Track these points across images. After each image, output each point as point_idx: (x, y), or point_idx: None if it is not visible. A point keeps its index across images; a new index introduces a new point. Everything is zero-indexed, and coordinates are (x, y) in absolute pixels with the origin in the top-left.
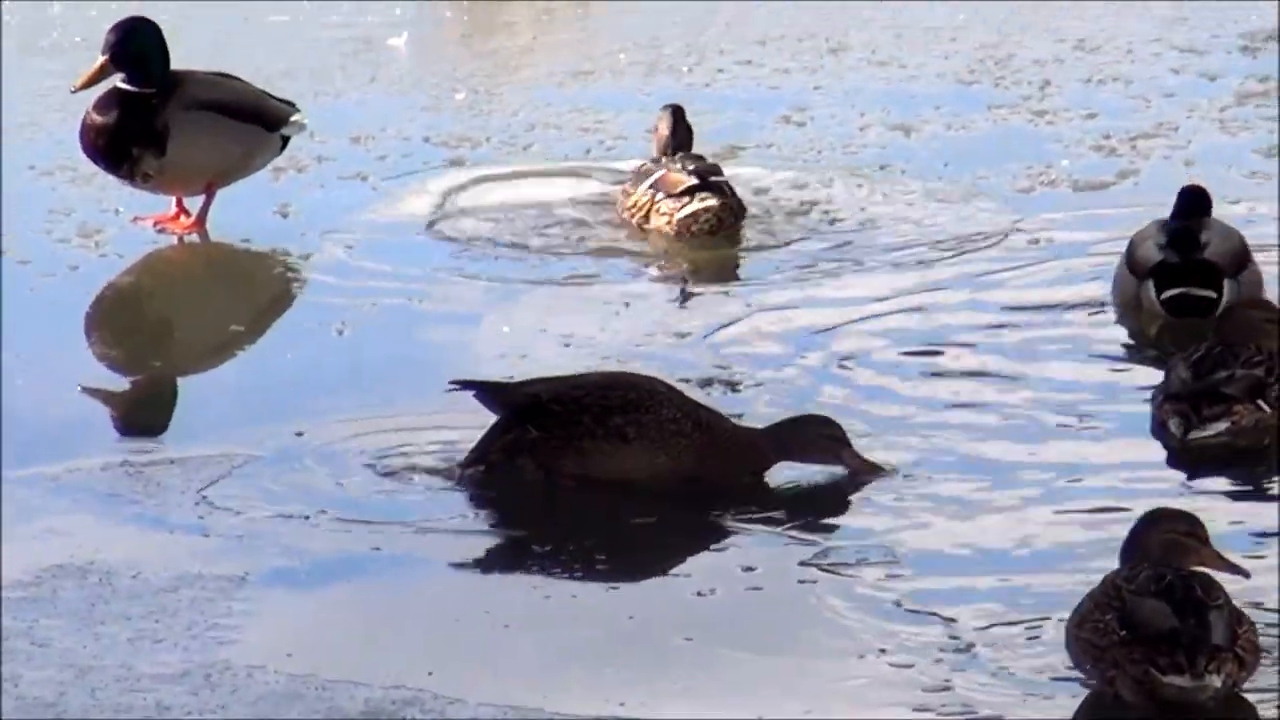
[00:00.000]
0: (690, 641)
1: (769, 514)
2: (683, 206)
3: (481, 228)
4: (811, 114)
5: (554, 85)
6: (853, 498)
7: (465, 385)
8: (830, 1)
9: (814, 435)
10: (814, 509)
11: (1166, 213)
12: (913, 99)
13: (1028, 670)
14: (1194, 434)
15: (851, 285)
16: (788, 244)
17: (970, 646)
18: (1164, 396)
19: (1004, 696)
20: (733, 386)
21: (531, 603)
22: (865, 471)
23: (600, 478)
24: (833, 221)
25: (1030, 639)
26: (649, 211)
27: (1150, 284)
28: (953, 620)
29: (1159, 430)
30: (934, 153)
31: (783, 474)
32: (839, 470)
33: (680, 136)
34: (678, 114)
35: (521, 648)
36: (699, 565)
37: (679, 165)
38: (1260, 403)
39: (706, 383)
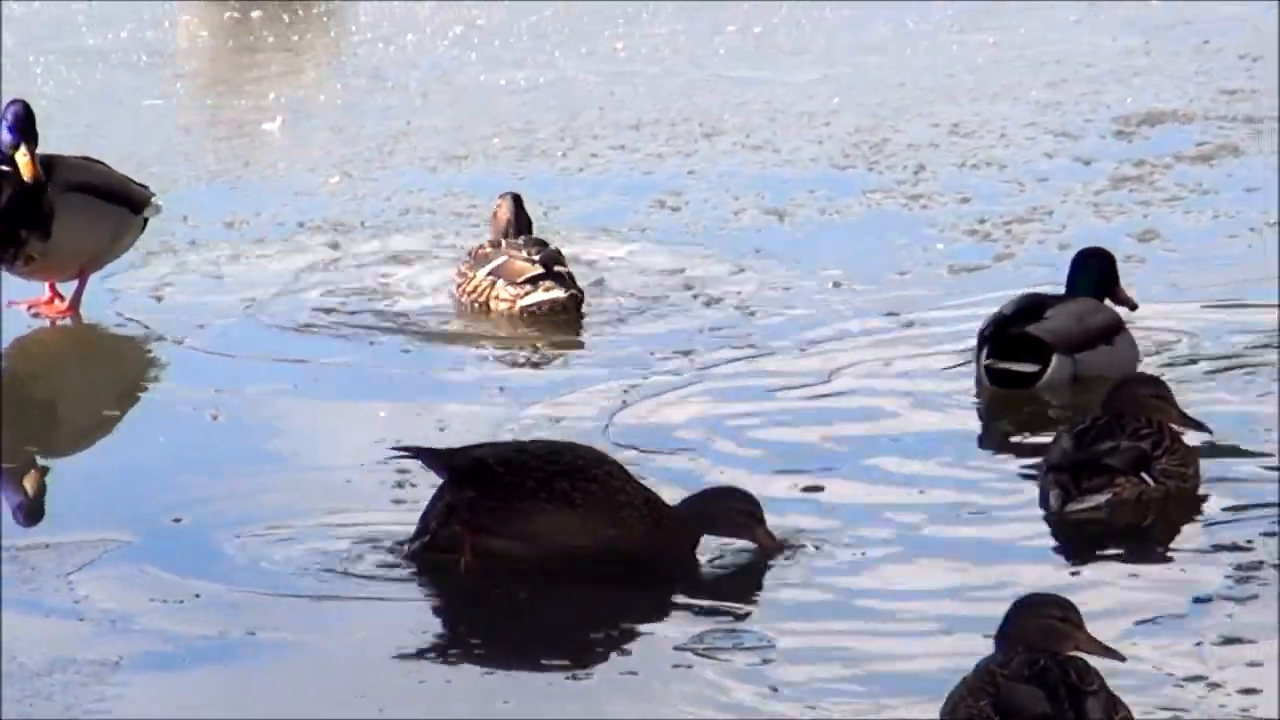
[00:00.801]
0: None
1: (646, 595)
2: (526, 294)
3: (356, 313)
4: (686, 198)
5: (427, 169)
6: (733, 580)
7: (408, 451)
8: (704, 85)
9: (731, 509)
10: (693, 590)
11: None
12: (786, 183)
13: None
14: (1071, 506)
15: (728, 370)
16: (663, 329)
17: None
18: (1047, 468)
19: None
20: None
21: (407, 686)
22: (776, 552)
23: (544, 547)
24: (708, 304)
25: None
26: (488, 297)
27: (983, 352)
28: (829, 707)
29: (1043, 503)
30: (808, 236)
31: None
32: (732, 545)
33: (522, 223)
34: (518, 201)
35: None
36: (574, 647)
37: (522, 252)
38: (1144, 475)
39: None
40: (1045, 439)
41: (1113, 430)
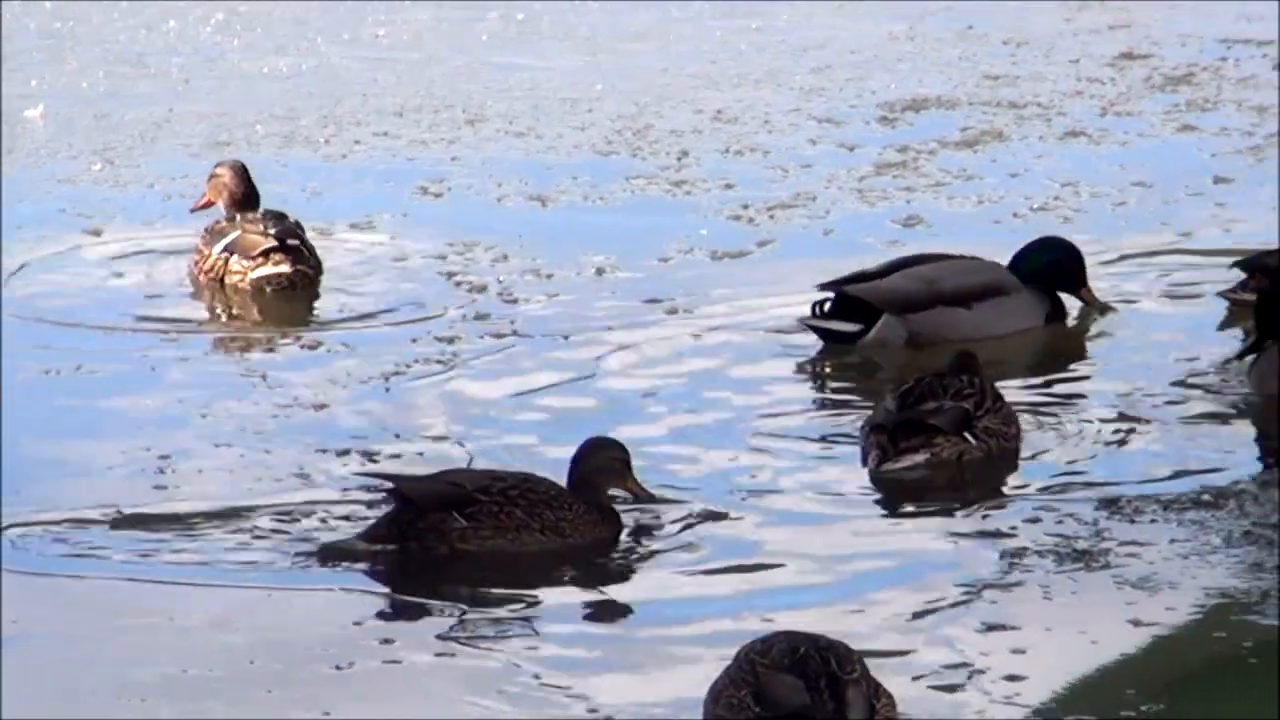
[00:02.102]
0: (327, 716)
1: (411, 583)
2: (256, 267)
3: (118, 301)
4: (449, 185)
5: (190, 156)
6: (493, 568)
7: (378, 479)
8: (467, 72)
9: (607, 460)
10: (455, 578)
11: (800, 281)
12: (550, 170)
13: None
14: (888, 465)
15: (492, 356)
16: (425, 316)
17: None
18: (870, 428)
19: None
20: (371, 457)
21: (168, 677)
22: (644, 498)
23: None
24: (471, 291)
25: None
26: (223, 273)
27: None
28: (588, 695)
29: (863, 462)
30: (571, 223)
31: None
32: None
33: (250, 193)
34: (243, 170)
35: None
36: (339, 637)
37: (259, 225)
38: (967, 435)
39: (344, 452)
40: (821, 414)
41: (936, 390)
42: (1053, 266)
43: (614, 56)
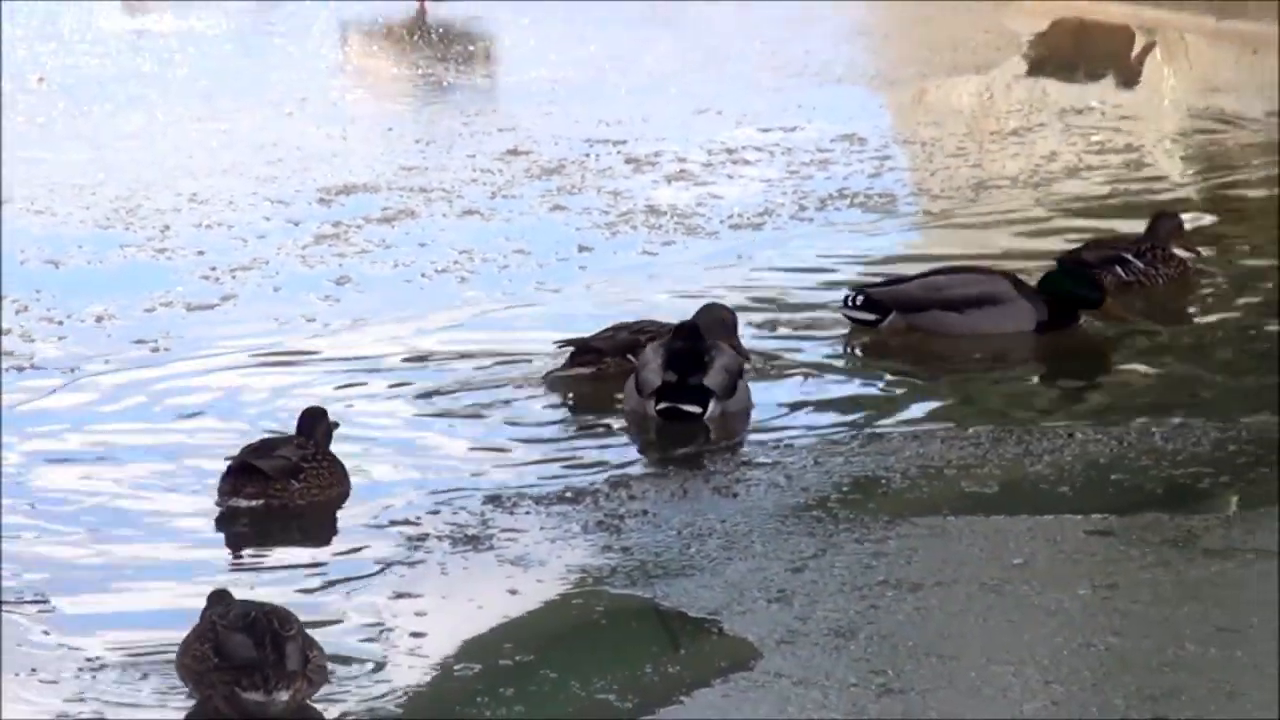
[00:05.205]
0: None
1: None
2: None
3: None
4: None
5: None
6: None
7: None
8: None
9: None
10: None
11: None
12: (62, 240)
13: (153, 692)
14: (229, 502)
15: (10, 390)
16: None
17: (103, 667)
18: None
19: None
20: None
21: None
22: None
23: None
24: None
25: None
26: None
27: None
28: (82, 647)
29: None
30: (81, 281)
31: None
32: None
33: None
34: None
35: None
36: None
37: None
38: (294, 482)
39: None
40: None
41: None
42: (1070, 296)
43: (114, 151)
